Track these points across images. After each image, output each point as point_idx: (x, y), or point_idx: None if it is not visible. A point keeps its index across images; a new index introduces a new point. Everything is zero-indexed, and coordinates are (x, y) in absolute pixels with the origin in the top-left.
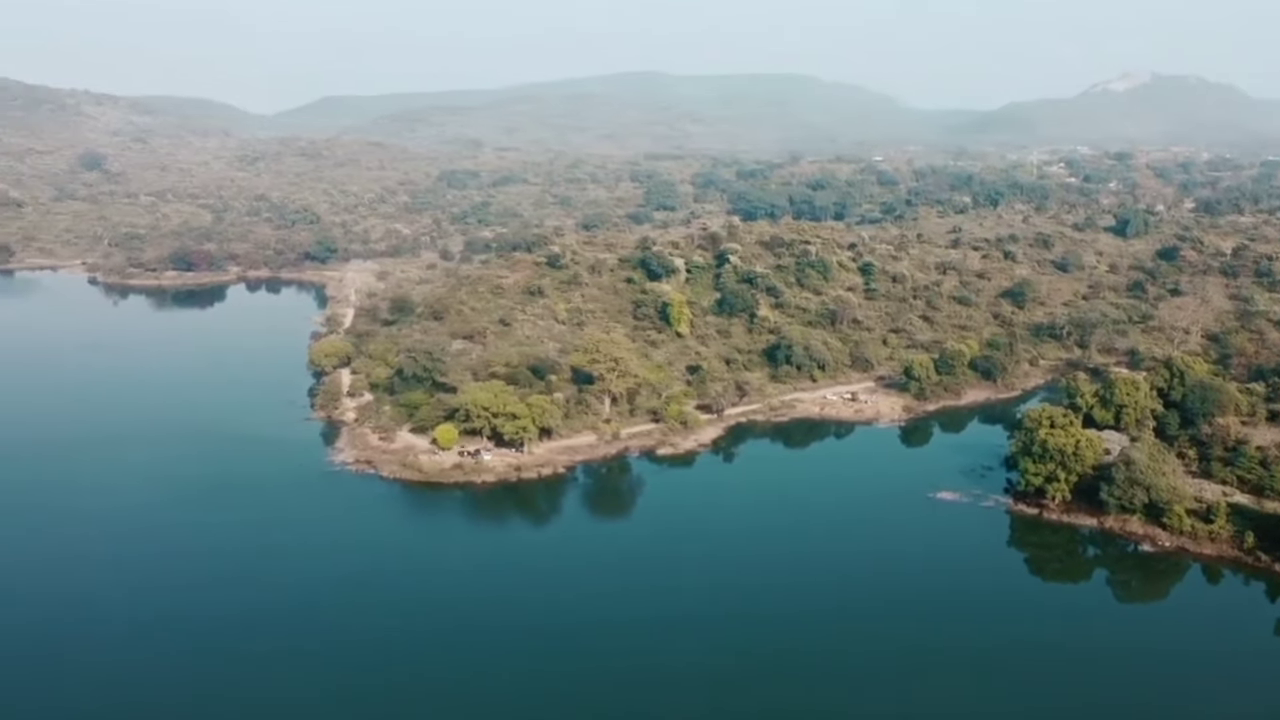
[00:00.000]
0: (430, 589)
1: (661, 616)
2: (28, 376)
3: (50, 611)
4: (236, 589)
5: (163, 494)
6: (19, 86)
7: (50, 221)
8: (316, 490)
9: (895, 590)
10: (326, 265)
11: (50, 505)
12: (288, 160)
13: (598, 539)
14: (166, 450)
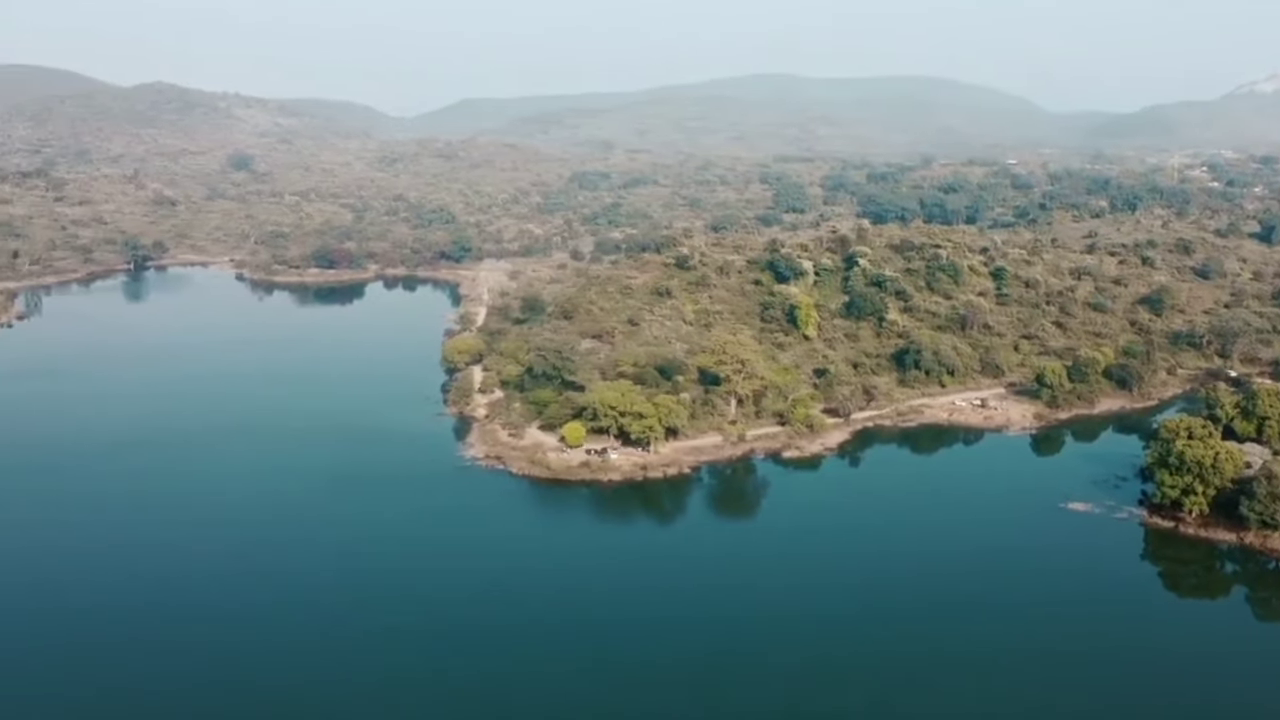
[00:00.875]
0: (557, 583)
1: (786, 614)
2: (180, 368)
3: (211, 594)
4: (372, 576)
5: (305, 484)
6: (174, 90)
7: (201, 220)
8: (449, 484)
9: (1024, 597)
10: (461, 264)
11: (204, 492)
12: (425, 161)
13: (721, 539)
14: (309, 442)
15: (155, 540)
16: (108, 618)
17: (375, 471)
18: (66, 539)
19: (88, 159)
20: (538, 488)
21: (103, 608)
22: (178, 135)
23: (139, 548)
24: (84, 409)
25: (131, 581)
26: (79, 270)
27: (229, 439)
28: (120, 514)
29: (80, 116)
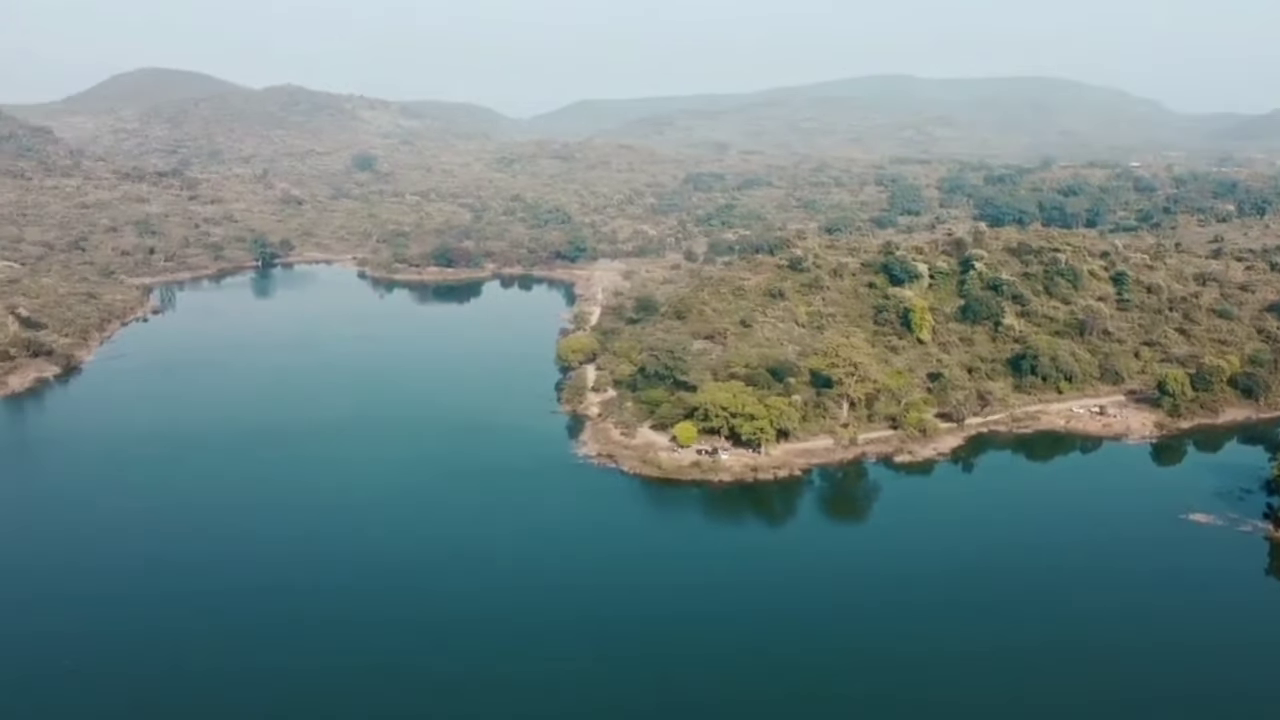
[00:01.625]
0: (668, 580)
1: (895, 615)
2: (304, 362)
3: (336, 579)
4: (486, 569)
5: (422, 476)
6: (303, 92)
7: (326, 218)
8: (562, 481)
9: (1143, 610)
10: (575, 264)
11: (327, 483)
12: (542, 162)
13: (832, 542)
14: (427, 435)
15: (278, 528)
16: (249, 597)
17: (490, 466)
18: (197, 524)
19: (220, 159)
20: (649, 486)
21: (246, 590)
22: (305, 136)
23: (264, 534)
24: (213, 400)
25: (269, 565)
26: (210, 267)
27: (350, 431)
28: (246, 501)
29: (214, 118)
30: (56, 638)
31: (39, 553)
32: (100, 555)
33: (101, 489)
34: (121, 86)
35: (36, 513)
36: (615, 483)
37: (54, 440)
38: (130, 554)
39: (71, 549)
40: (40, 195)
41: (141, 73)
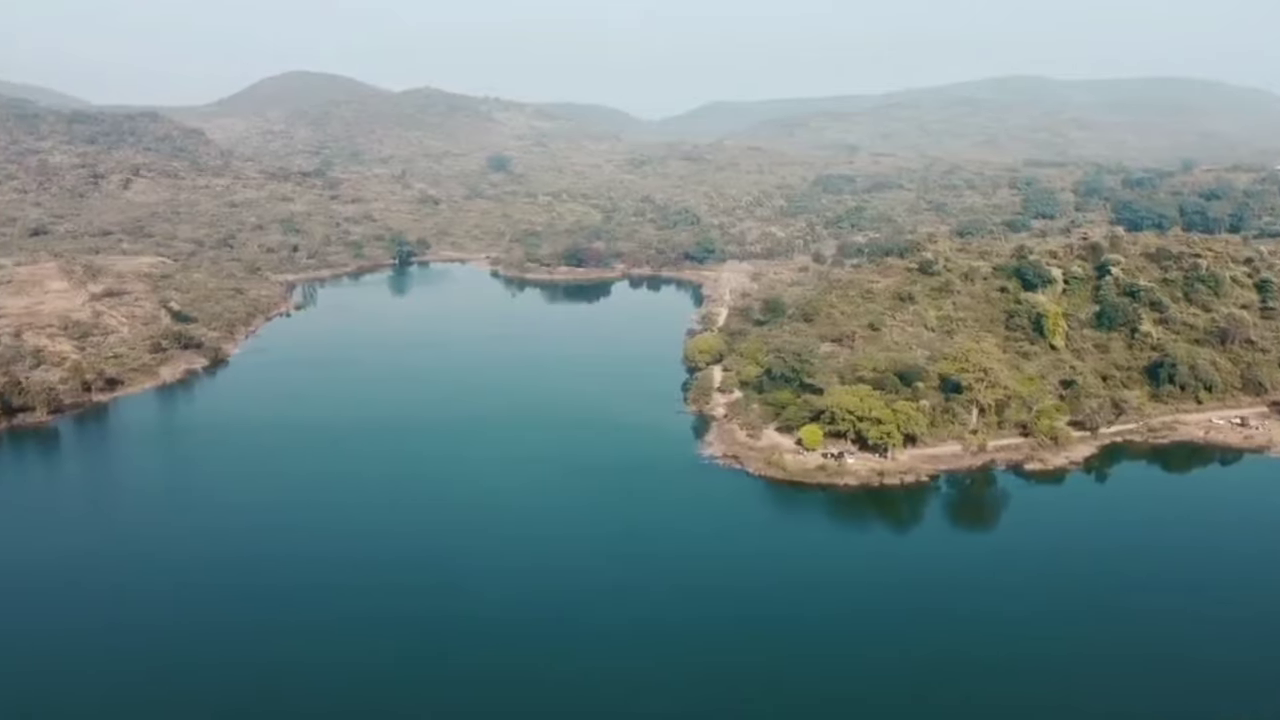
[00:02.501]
0: (792, 580)
1: (1020, 625)
2: (437, 358)
3: (465, 579)
4: (615, 569)
5: (550, 472)
6: (440, 95)
7: (461, 218)
8: (687, 481)
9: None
10: (704, 265)
11: (456, 477)
12: (672, 164)
13: (959, 549)
14: (556, 431)
15: (406, 524)
16: (379, 595)
17: (616, 464)
18: (329, 519)
19: (360, 160)
20: (773, 488)
21: (376, 588)
22: (441, 137)
23: (393, 529)
24: (348, 395)
25: (398, 562)
26: (350, 264)
27: (480, 427)
28: (376, 495)
29: (355, 120)
30: (204, 628)
31: (180, 542)
32: (236, 547)
33: (241, 480)
34: (269, 90)
35: (178, 503)
36: (740, 484)
37: (199, 429)
38: (264, 546)
39: (209, 540)
40: (192, 194)
41: (288, 76)
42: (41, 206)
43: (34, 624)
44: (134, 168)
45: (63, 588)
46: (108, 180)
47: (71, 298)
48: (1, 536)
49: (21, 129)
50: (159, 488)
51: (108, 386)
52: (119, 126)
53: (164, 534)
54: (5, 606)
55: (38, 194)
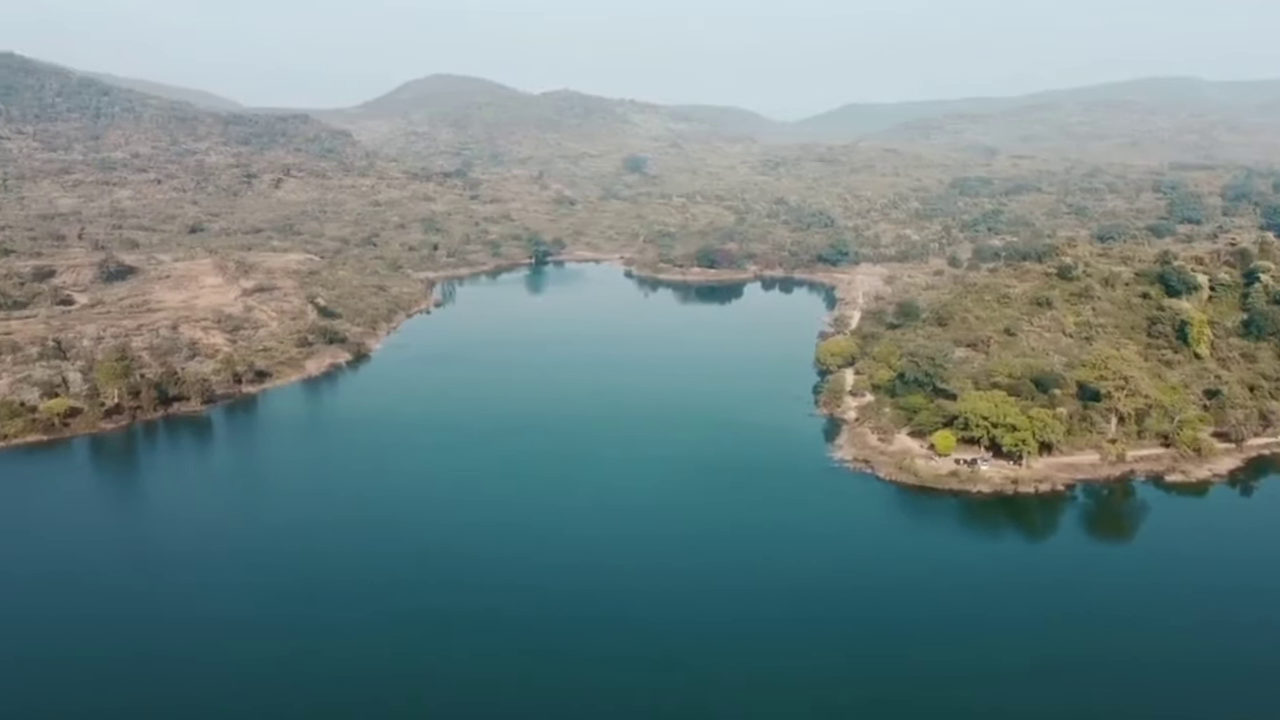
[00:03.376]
0: (920, 585)
1: (1170, 636)
2: (571, 355)
3: (592, 578)
4: (744, 570)
5: (679, 473)
6: (577, 97)
7: (596, 219)
8: (816, 483)
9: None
10: (837, 267)
11: (586, 475)
12: (806, 165)
13: (1096, 561)
14: (686, 431)
15: (540, 520)
16: (503, 590)
17: (746, 465)
18: (463, 515)
19: (500, 161)
20: (904, 494)
21: (497, 585)
22: (579, 139)
23: (522, 525)
24: (483, 391)
25: (519, 556)
26: (488, 263)
27: (611, 425)
28: (507, 492)
29: (495, 122)
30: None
31: (314, 532)
32: (366, 541)
33: (376, 473)
34: (413, 92)
35: (315, 493)
36: (870, 488)
37: (341, 422)
38: (394, 542)
39: (342, 531)
40: (339, 193)
41: (431, 79)
42: (198, 205)
43: (170, 606)
44: (285, 168)
45: (195, 569)
46: (260, 180)
47: (225, 293)
48: (151, 516)
49: (181, 131)
50: (299, 477)
51: (257, 379)
52: (271, 128)
53: (299, 523)
54: (142, 583)
55: (195, 193)
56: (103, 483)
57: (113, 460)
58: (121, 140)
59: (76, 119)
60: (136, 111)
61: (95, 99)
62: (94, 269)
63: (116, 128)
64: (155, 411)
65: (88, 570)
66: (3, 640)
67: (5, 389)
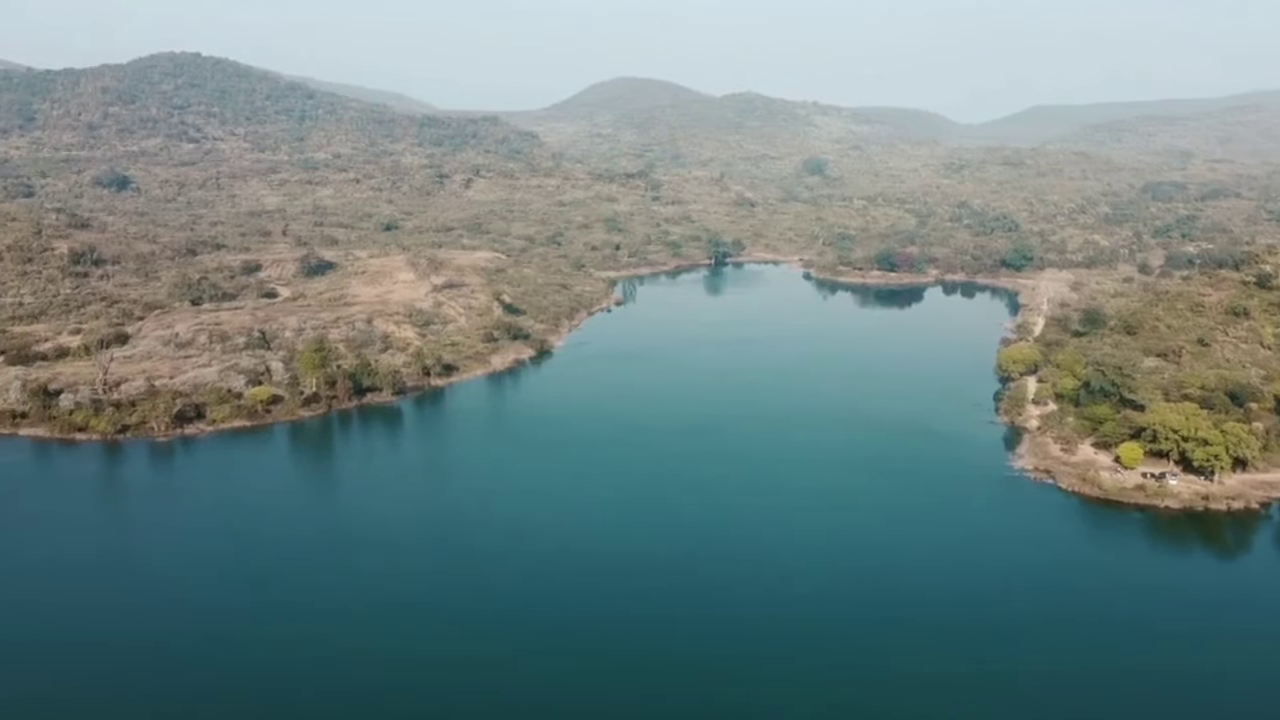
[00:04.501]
0: (1105, 599)
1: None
2: (747, 356)
3: (766, 578)
4: (921, 576)
5: (854, 476)
6: (760, 99)
7: (775, 220)
8: (994, 491)
9: None
10: (1021, 273)
11: (755, 477)
12: (991, 169)
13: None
14: (860, 434)
15: (712, 519)
16: (671, 591)
17: (922, 470)
18: (638, 512)
19: (681, 162)
20: (1087, 506)
21: (662, 588)
22: (759, 141)
23: (693, 525)
24: (659, 389)
25: (689, 555)
26: (668, 263)
27: (786, 424)
28: (679, 490)
29: (678, 124)
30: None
31: (489, 527)
32: (534, 540)
33: (551, 468)
34: (599, 95)
35: (495, 487)
36: (1051, 499)
37: (522, 416)
38: (561, 540)
39: (522, 527)
40: (525, 193)
41: (616, 82)
42: (393, 204)
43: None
44: (475, 168)
45: (380, 551)
46: (451, 179)
47: (416, 288)
48: (343, 500)
49: (379, 133)
50: (480, 469)
51: (444, 372)
52: (463, 130)
53: (477, 515)
54: (332, 563)
55: (390, 192)
56: (300, 467)
57: (310, 446)
58: (324, 141)
59: (283, 121)
60: (338, 114)
61: (301, 102)
62: (296, 264)
63: (320, 130)
64: (350, 401)
65: (280, 550)
66: (207, 610)
67: (215, 376)
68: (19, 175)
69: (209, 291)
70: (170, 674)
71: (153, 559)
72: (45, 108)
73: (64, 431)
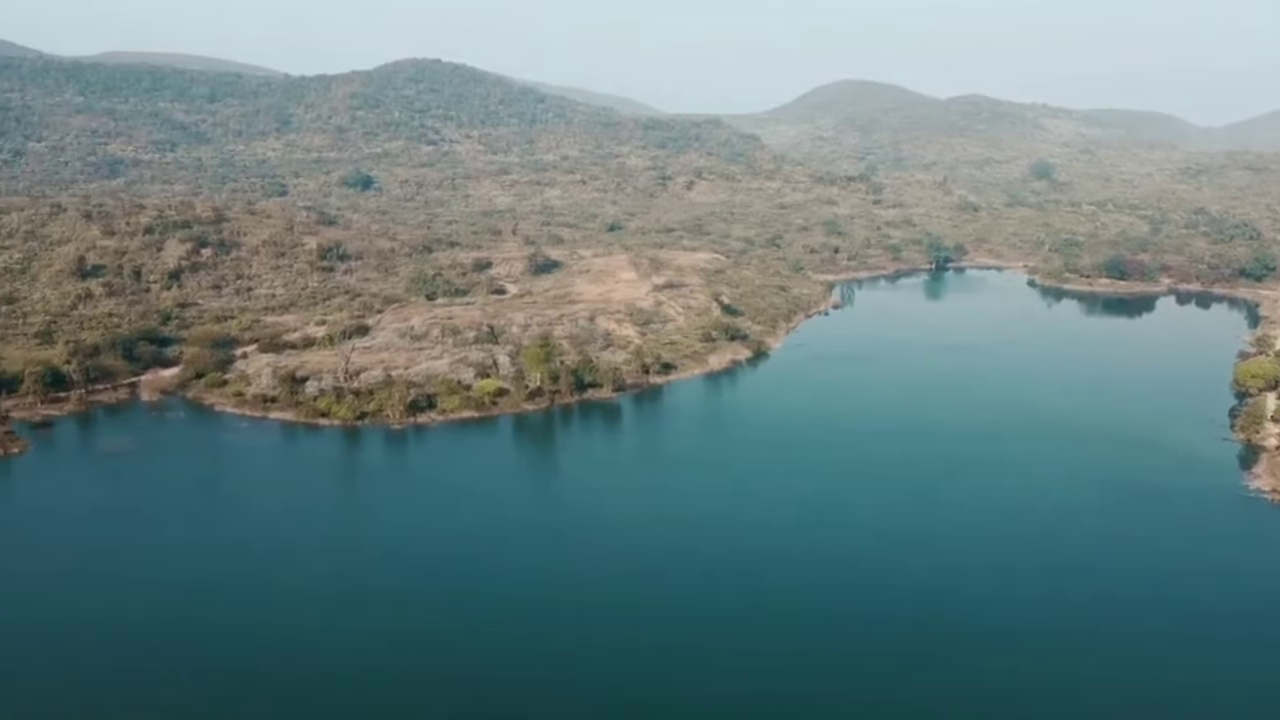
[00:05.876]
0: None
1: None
2: (966, 363)
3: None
4: (1149, 600)
5: (1075, 490)
6: (986, 102)
7: (1000, 225)
8: (1226, 513)
9: None
10: (1261, 283)
11: (967, 485)
12: (1231, 174)
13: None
14: (1081, 446)
15: (920, 524)
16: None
17: (1150, 486)
18: (858, 520)
19: (903, 165)
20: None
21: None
22: (984, 144)
23: (901, 531)
24: (875, 392)
25: (900, 562)
26: (888, 267)
27: (1003, 435)
28: (888, 496)
29: (900, 127)
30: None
31: (709, 527)
32: (742, 541)
33: (765, 469)
34: (821, 98)
35: (710, 487)
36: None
37: (737, 415)
38: (766, 542)
39: (737, 528)
40: (746, 196)
41: (839, 85)
42: (617, 205)
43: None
44: (697, 170)
45: (595, 545)
46: (674, 181)
47: (637, 287)
48: (562, 491)
49: (605, 135)
50: (696, 467)
51: (663, 370)
52: (686, 132)
53: (693, 512)
54: (546, 550)
55: (615, 193)
56: (523, 457)
57: (533, 438)
58: (552, 144)
59: (515, 125)
60: (566, 117)
61: (532, 106)
62: (524, 262)
63: (548, 132)
64: (571, 396)
65: (497, 534)
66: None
67: (446, 368)
68: (275, 175)
69: (442, 287)
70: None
71: (395, 543)
72: (299, 112)
73: (309, 416)
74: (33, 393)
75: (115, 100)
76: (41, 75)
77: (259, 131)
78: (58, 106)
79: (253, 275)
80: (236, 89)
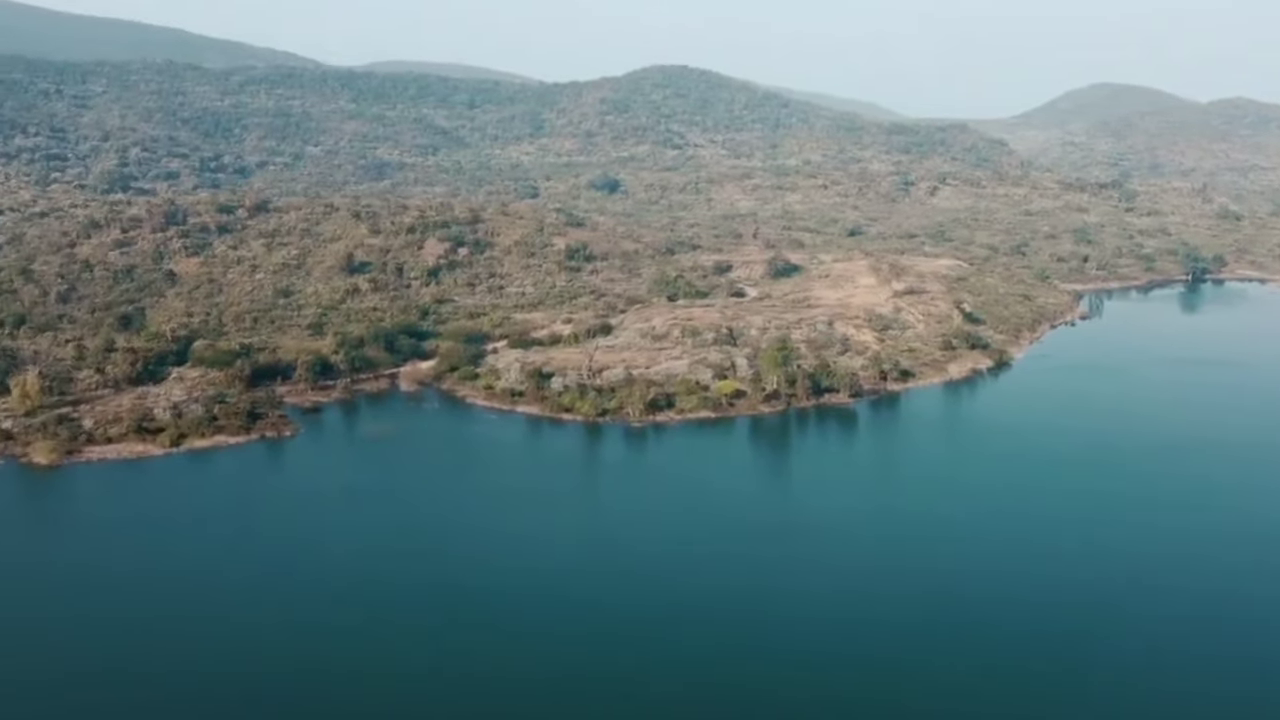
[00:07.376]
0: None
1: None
2: (1221, 379)
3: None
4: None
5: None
6: (1252, 105)
7: (1264, 235)
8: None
9: None
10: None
11: (1205, 508)
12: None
13: None
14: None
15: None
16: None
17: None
18: (1109, 538)
19: (1160, 172)
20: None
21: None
22: (1248, 150)
23: (1133, 559)
24: (1123, 406)
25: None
26: (1139, 278)
27: (1270, 456)
28: (1129, 516)
29: (1157, 132)
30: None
31: (945, 542)
32: (1008, 554)
33: (994, 482)
34: (1072, 102)
35: (951, 497)
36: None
37: (979, 426)
38: (1029, 554)
39: (980, 544)
40: (991, 202)
41: (1092, 89)
42: (859, 210)
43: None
44: (941, 176)
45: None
46: (917, 187)
47: (877, 293)
48: (794, 494)
49: (848, 140)
50: (930, 478)
51: (901, 377)
52: (930, 138)
53: (925, 526)
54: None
55: (856, 198)
56: (760, 458)
57: (769, 440)
58: (795, 149)
59: (758, 129)
60: (810, 122)
61: (776, 111)
62: (764, 265)
63: (792, 137)
64: (808, 400)
65: (735, 534)
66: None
67: (684, 368)
68: (528, 178)
69: (684, 289)
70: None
71: (633, 539)
72: (551, 117)
73: (553, 411)
74: (304, 380)
75: (384, 107)
76: (319, 84)
77: (514, 136)
78: (333, 113)
79: (504, 274)
80: (494, 95)
